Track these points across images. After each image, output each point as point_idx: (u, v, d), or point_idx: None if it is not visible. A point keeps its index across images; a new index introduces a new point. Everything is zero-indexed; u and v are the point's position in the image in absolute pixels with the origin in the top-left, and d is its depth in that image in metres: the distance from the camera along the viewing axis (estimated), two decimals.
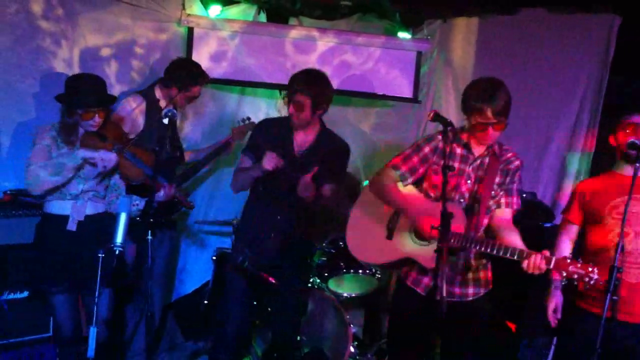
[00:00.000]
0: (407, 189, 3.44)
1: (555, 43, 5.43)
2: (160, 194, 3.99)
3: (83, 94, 3.61)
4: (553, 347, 4.67)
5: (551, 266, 2.93)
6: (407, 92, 5.61)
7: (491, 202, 3.34)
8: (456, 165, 3.32)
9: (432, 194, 3.39)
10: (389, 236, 3.43)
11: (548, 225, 4.94)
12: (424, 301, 3.35)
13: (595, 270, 2.86)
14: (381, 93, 5.60)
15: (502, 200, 3.36)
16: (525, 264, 2.96)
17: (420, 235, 3.29)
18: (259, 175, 3.89)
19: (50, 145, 3.61)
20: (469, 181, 3.33)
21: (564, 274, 2.90)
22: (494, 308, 4.63)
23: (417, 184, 3.48)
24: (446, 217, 2.93)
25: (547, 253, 2.96)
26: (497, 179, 3.33)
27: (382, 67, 5.61)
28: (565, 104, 5.46)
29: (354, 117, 5.86)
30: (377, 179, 3.51)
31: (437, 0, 5.44)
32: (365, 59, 5.59)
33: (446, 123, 3.10)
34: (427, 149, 3.38)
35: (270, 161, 3.79)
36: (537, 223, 4.92)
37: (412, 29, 5.59)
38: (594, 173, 5.16)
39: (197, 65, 4.64)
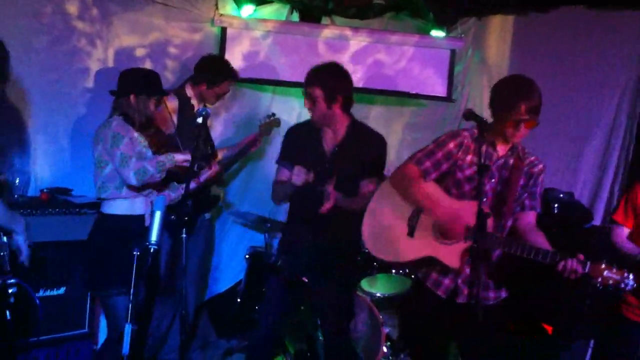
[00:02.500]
0: (429, 186, 3.32)
1: (593, 41, 5.31)
2: (203, 176, 4.05)
3: (153, 82, 3.70)
4: (590, 350, 4.61)
5: (587, 270, 2.86)
6: (441, 91, 5.57)
7: (515, 205, 3.26)
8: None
9: (454, 192, 3.29)
10: (410, 233, 3.30)
11: (587, 226, 4.85)
12: (444, 304, 3.26)
13: (631, 276, 2.79)
14: (415, 92, 5.57)
15: (527, 203, 3.29)
16: (560, 267, 2.89)
17: (444, 234, 3.20)
18: (293, 190, 3.75)
19: (132, 139, 3.62)
20: (492, 180, 3.25)
21: (599, 279, 2.83)
22: (531, 310, 4.62)
23: (440, 180, 3.37)
24: (482, 216, 2.88)
25: (581, 257, 2.88)
26: (521, 181, 3.26)
27: (415, 65, 5.57)
28: (603, 103, 5.32)
29: (387, 116, 5.83)
30: (399, 173, 3.38)
31: None
32: (399, 57, 5.55)
33: (481, 121, 3.04)
34: (451, 145, 3.28)
35: (298, 176, 3.65)
36: (575, 224, 4.82)
37: (446, 27, 5.54)
38: (634, 172, 5.09)
39: (226, 62, 4.68)
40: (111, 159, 3.58)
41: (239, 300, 4.90)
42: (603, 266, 2.83)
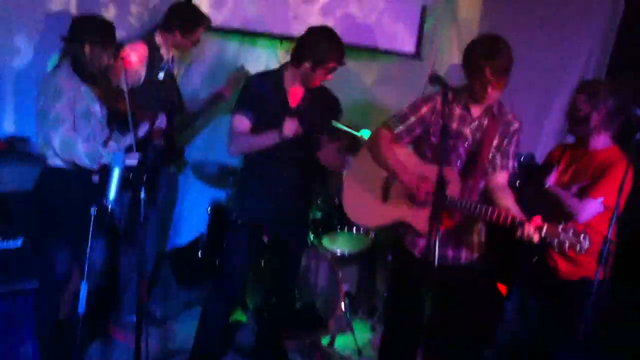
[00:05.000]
0: (403, 150, 3.37)
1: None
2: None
3: (109, 33, 3.59)
4: None
5: (543, 234, 2.89)
6: (410, 48, 5.54)
7: (487, 165, 3.30)
8: (454, 126, 3.28)
9: (429, 155, 3.34)
10: (384, 198, 3.40)
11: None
12: (419, 263, 3.33)
13: (587, 238, 2.81)
14: (384, 48, 5.51)
15: (497, 162, 3.32)
16: (518, 232, 2.93)
17: (415, 198, 3.25)
18: (275, 142, 3.72)
19: (75, 96, 3.50)
20: (466, 143, 3.28)
21: (555, 241, 2.87)
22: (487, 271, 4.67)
23: (414, 144, 3.44)
24: (442, 183, 2.90)
25: (539, 221, 2.91)
26: (495, 142, 3.29)
27: (386, 19, 5.49)
28: (570, 62, 5.30)
29: (356, 70, 5.76)
30: (373, 137, 3.45)
31: None
32: (369, 11, 5.47)
33: (445, 85, 3.03)
34: (424, 109, 3.31)
35: (291, 128, 3.65)
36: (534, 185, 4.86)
37: None
38: None
39: (197, 8, 4.58)
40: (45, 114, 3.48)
41: (200, 252, 4.93)
42: (560, 229, 2.86)
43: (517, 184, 4.60)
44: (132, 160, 3.51)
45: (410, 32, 5.51)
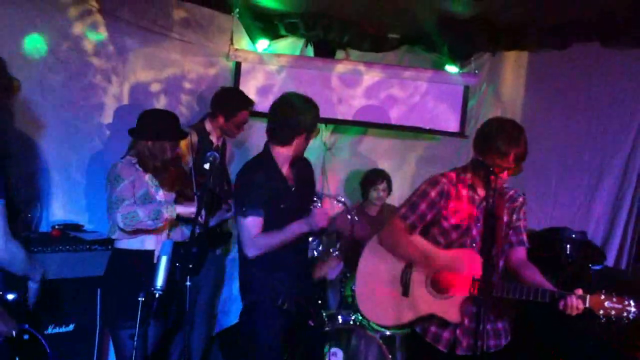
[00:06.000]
0: (417, 239, 3.29)
1: (608, 79, 5.29)
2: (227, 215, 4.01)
3: (170, 125, 3.70)
4: None
5: (587, 304, 2.81)
6: (454, 127, 5.57)
7: (503, 244, 3.23)
8: (465, 208, 3.23)
9: (441, 240, 3.26)
10: (405, 293, 3.27)
11: (597, 267, 4.79)
12: (445, 358, 3.21)
13: (632, 303, 2.74)
14: (428, 127, 5.57)
15: (513, 239, 3.26)
16: (561, 304, 2.85)
17: (440, 288, 3.18)
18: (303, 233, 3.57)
19: (135, 182, 3.62)
20: (478, 224, 3.22)
21: (601, 312, 2.79)
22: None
23: (424, 232, 3.34)
24: (488, 268, 2.87)
25: (580, 291, 2.85)
26: (505, 218, 3.23)
27: (429, 100, 5.59)
28: (618, 141, 5.28)
29: (400, 148, 5.84)
30: (387, 232, 3.38)
31: (486, 33, 5.37)
32: (412, 92, 5.58)
33: (489, 170, 3.03)
34: (433, 194, 3.26)
35: (323, 219, 3.49)
36: (587, 265, 4.76)
37: (460, 62, 5.55)
38: None
39: (240, 91, 4.71)
40: (109, 199, 3.61)
41: None
42: (602, 297, 2.79)
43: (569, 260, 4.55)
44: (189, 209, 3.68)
45: (453, 112, 5.56)
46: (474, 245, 3.20)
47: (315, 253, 4.08)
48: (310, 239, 3.86)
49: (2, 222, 2.74)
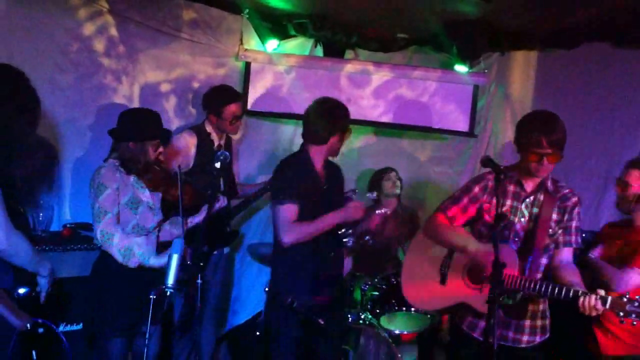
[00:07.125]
0: (460, 229, 3.41)
1: (617, 79, 5.25)
2: (216, 206, 3.93)
3: (150, 125, 3.61)
4: None
5: (607, 306, 2.83)
6: (463, 126, 5.57)
7: (548, 241, 3.26)
8: (508, 202, 3.29)
9: (485, 233, 3.34)
10: (442, 281, 3.43)
11: None
12: (481, 345, 3.23)
13: None
14: (437, 127, 5.57)
15: (561, 239, 3.29)
16: (580, 303, 2.88)
17: (473, 279, 3.29)
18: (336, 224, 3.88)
19: (119, 188, 3.54)
20: (522, 219, 3.27)
21: (621, 314, 2.80)
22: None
23: (469, 225, 3.47)
24: (498, 266, 2.87)
25: (601, 292, 2.86)
26: (555, 217, 3.26)
27: (438, 100, 5.59)
28: (627, 141, 5.24)
29: (409, 148, 5.84)
30: (429, 222, 3.51)
31: (495, 33, 5.37)
32: (421, 92, 5.58)
33: (497, 167, 3.06)
34: (476, 189, 3.36)
35: (359, 211, 3.85)
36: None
37: (469, 62, 5.53)
38: None
39: (223, 87, 4.67)
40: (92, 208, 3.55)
41: (257, 332, 4.91)
42: (625, 299, 2.81)
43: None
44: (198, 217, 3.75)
45: (463, 111, 5.56)
46: (517, 239, 3.27)
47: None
48: (342, 230, 4.07)
49: (2, 212, 2.74)
